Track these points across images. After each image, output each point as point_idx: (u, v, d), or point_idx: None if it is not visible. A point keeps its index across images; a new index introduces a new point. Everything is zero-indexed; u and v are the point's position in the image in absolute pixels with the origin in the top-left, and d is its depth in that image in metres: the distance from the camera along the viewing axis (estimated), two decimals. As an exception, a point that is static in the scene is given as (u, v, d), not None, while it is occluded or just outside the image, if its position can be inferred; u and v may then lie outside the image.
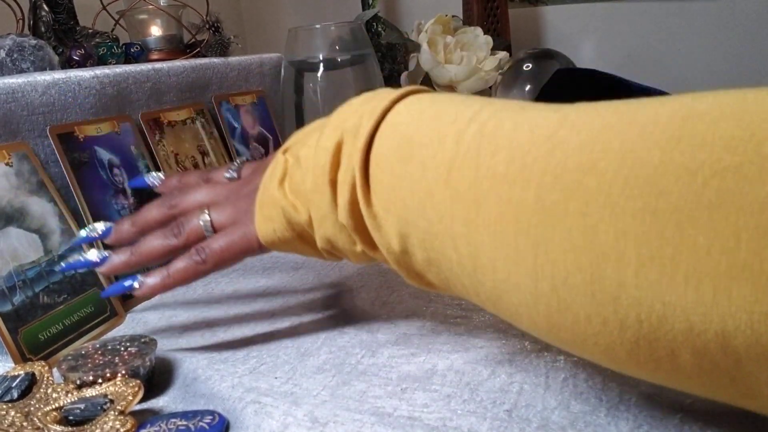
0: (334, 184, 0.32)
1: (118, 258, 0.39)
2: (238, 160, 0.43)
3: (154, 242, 0.38)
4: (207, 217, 0.37)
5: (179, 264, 0.37)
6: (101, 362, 0.35)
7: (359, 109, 0.32)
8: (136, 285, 0.38)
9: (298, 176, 0.34)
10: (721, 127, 0.19)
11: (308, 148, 0.34)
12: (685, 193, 0.19)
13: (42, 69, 0.55)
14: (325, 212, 0.32)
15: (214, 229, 0.37)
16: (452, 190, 0.26)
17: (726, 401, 0.22)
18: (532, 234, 0.23)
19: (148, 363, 0.35)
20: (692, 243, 0.19)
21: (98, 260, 0.39)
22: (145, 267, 0.43)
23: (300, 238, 0.35)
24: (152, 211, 0.40)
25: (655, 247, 0.20)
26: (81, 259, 0.40)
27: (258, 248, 0.36)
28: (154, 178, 0.44)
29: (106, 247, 0.42)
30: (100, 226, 0.41)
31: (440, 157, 0.27)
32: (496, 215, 0.25)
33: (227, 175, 0.41)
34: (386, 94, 0.32)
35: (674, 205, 0.19)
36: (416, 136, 0.29)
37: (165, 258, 0.39)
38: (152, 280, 0.38)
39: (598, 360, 0.25)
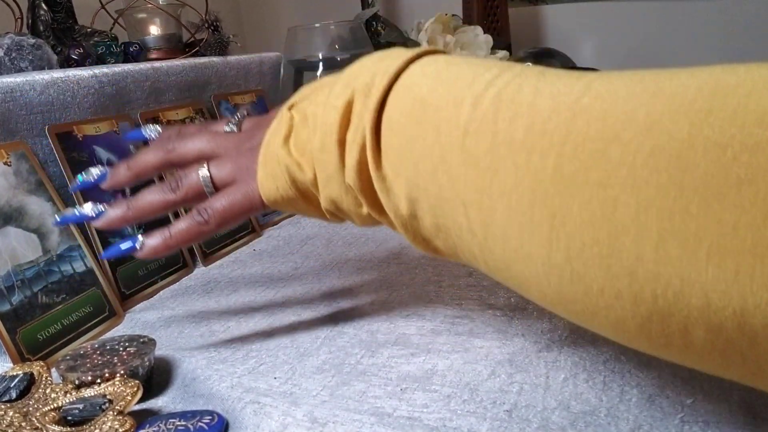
0: (342, 144, 0.31)
1: (114, 212, 0.37)
2: (238, 113, 0.41)
3: (152, 196, 0.37)
4: (206, 172, 0.36)
5: (181, 224, 0.36)
6: (100, 362, 0.34)
7: (372, 68, 0.31)
8: (137, 246, 0.36)
9: (305, 134, 0.33)
10: (753, 101, 0.19)
11: (316, 106, 0.33)
12: (713, 168, 0.19)
13: (40, 68, 0.55)
14: (332, 172, 0.31)
15: (214, 185, 0.36)
16: (466, 155, 0.26)
17: (734, 379, 0.22)
18: (549, 204, 0.23)
19: (147, 363, 0.35)
20: (718, 219, 0.19)
21: (94, 214, 0.37)
22: (142, 223, 0.40)
23: (303, 198, 0.34)
24: (149, 155, 0.38)
25: (678, 222, 0.19)
26: (76, 212, 0.38)
27: (261, 206, 0.35)
28: (151, 131, 0.42)
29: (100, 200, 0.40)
30: (95, 171, 0.39)
31: (455, 120, 0.26)
32: (511, 183, 0.24)
33: (227, 128, 0.40)
34: (400, 54, 0.31)
35: (701, 180, 0.19)
36: (431, 98, 0.28)
37: (163, 213, 0.37)
38: (153, 241, 0.36)
39: (606, 333, 0.24)
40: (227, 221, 0.36)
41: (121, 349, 0.36)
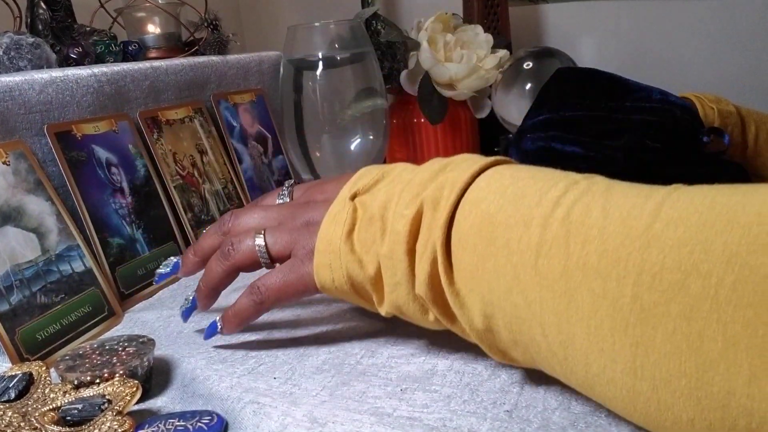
0: (411, 253, 0.31)
1: (197, 294, 0.40)
2: (286, 183, 0.42)
3: (212, 267, 0.39)
4: (262, 241, 0.37)
5: (239, 305, 0.37)
6: (99, 362, 0.34)
7: (440, 178, 0.31)
8: (218, 326, 0.39)
9: (370, 234, 0.33)
10: None
11: (383, 209, 0.33)
12: None
13: (39, 67, 0.55)
14: (400, 280, 0.32)
15: (270, 256, 0.37)
16: (540, 277, 0.26)
17: None
18: (630, 333, 0.22)
19: (146, 363, 0.35)
20: None
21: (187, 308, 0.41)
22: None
23: (356, 293, 0.34)
24: (209, 239, 0.40)
25: None
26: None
27: (315, 290, 0.35)
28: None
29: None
30: (171, 261, 0.42)
31: (526, 241, 0.26)
32: (589, 309, 0.24)
33: (279, 199, 0.41)
34: (468, 165, 0.31)
35: None
36: (500, 217, 0.28)
37: (229, 279, 0.39)
38: (224, 322, 0.38)
39: None
40: (282, 300, 0.37)
41: (120, 349, 0.36)
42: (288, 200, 0.40)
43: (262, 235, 0.37)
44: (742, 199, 0.21)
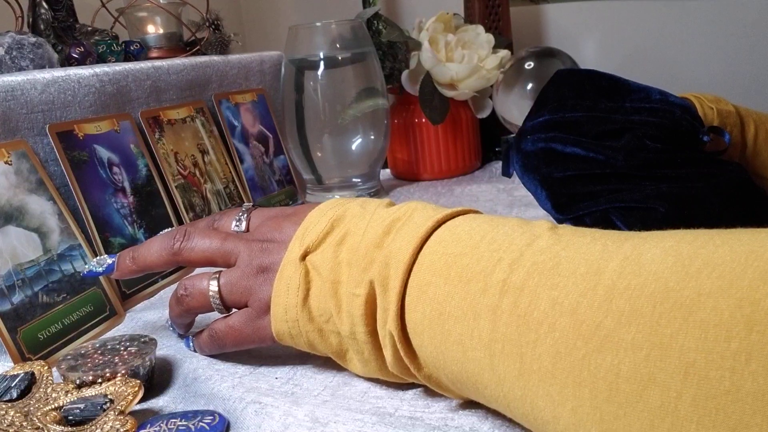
0: (374, 334, 0.30)
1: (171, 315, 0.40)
2: (244, 207, 0.40)
3: (172, 306, 0.38)
4: (216, 288, 0.35)
5: (203, 341, 0.38)
6: (101, 362, 0.34)
7: (384, 246, 0.30)
8: (192, 347, 0.40)
9: (326, 305, 0.32)
10: None
11: (331, 278, 0.32)
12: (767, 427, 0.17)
13: (41, 67, 0.55)
14: (368, 358, 0.31)
15: (223, 302, 0.36)
16: (499, 378, 0.25)
17: None
18: None
19: (148, 363, 0.35)
20: None
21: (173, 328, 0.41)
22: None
23: (319, 353, 0.34)
24: (153, 253, 0.38)
25: None
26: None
27: (272, 342, 0.35)
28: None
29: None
30: (105, 261, 0.39)
31: (477, 337, 0.25)
32: (552, 415, 0.23)
33: (235, 227, 0.38)
34: (409, 234, 0.30)
35: None
36: (447, 306, 0.27)
37: (190, 318, 0.40)
38: (196, 347, 0.39)
39: None
40: (240, 347, 0.36)
41: (122, 348, 0.36)
42: (244, 226, 0.38)
43: (216, 281, 0.36)
44: (696, 284, 0.20)
